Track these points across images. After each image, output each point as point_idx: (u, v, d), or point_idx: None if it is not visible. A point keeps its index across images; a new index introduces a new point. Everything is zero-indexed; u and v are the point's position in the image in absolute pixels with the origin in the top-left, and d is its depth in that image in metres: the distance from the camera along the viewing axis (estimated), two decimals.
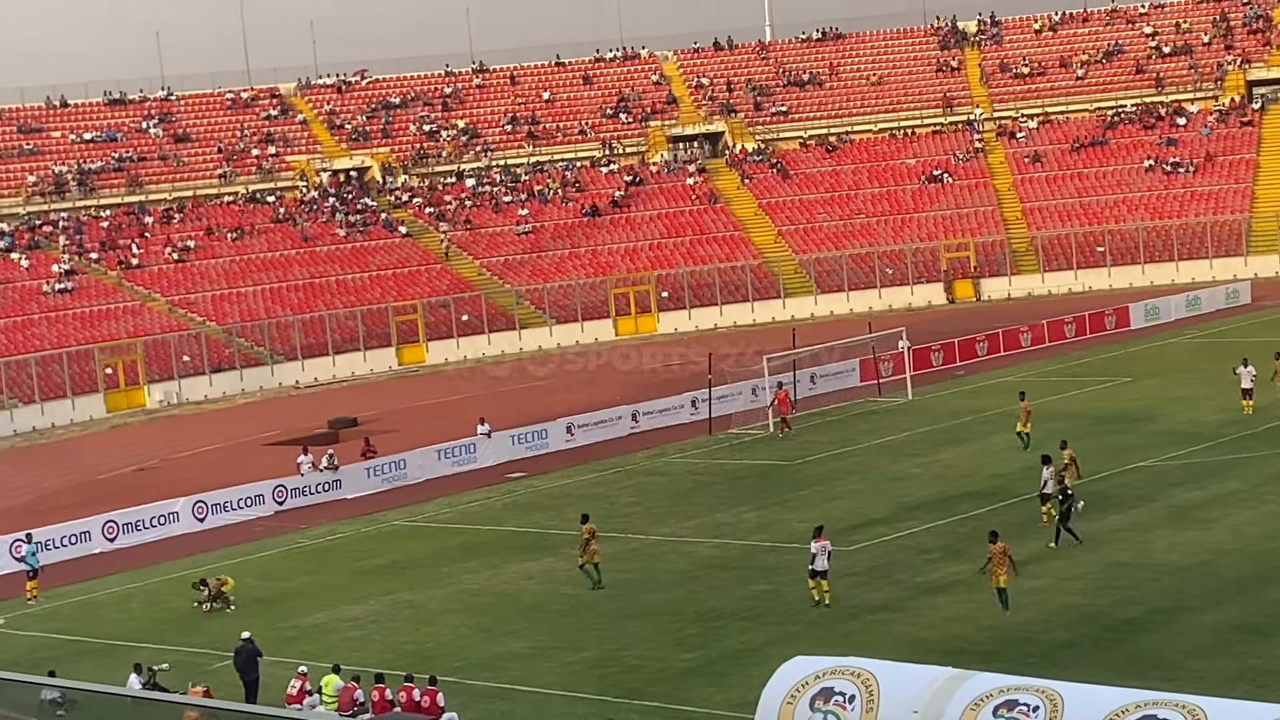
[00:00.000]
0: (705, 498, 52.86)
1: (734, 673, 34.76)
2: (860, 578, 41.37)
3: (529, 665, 36.83)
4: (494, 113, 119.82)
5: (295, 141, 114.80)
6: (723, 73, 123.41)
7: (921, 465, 54.26)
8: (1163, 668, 32.58)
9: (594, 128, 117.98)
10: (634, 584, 42.84)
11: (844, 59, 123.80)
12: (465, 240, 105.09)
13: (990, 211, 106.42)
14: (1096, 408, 61.69)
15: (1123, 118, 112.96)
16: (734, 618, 38.97)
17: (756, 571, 42.94)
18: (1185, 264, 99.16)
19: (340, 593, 44.98)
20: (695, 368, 73.71)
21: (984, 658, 32.70)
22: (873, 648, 33.69)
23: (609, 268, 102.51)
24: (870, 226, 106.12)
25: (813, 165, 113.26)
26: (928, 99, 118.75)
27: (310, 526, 54.34)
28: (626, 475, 58.01)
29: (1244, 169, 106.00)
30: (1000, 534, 37.69)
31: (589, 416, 66.01)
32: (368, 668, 35.69)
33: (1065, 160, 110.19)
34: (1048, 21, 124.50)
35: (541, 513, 52.88)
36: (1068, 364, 73.53)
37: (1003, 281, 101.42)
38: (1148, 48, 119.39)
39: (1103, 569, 40.00)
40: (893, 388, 69.18)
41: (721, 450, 61.00)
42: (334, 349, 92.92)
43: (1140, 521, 44.11)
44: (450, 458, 61.77)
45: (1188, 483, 48.11)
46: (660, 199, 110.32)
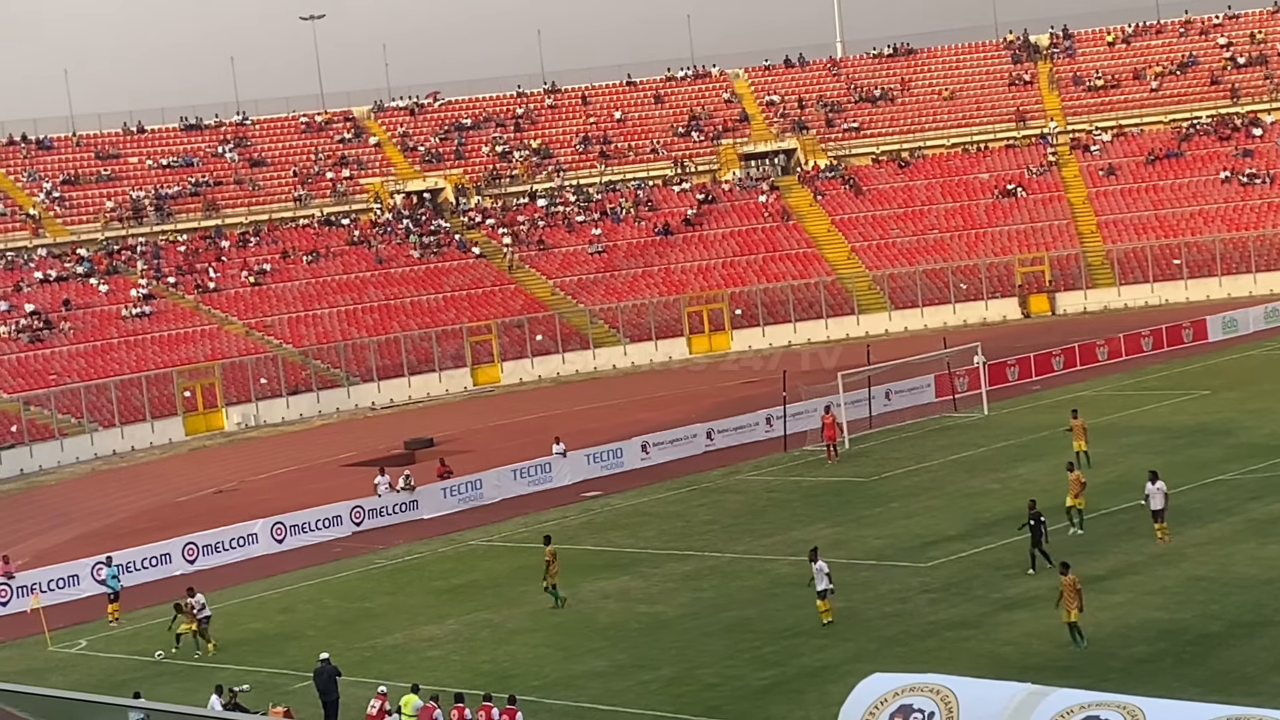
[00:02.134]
0: (781, 515, 52.79)
1: (811, 690, 34.69)
2: (937, 594, 41.21)
3: (606, 684, 36.87)
4: (566, 133, 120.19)
5: (369, 164, 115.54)
6: (794, 89, 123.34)
7: (999, 481, 53.99)
8: (1246, 682, 32.29)
9: (666, 146, 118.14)
10: (710, 602, 42.82)
11: (915, 74, 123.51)
12: (538, 260, 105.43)
13: (1065, 225, 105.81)
14: (1174, 421, 61.22)
15: (1198, 129, 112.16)
16: (811, 635, 38.90)
17: (834, 588, 42.73)
18: (1263, 275, 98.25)
19: (418, 613, 45.18)
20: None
21: (1063, 673, 32.52)
22: (951, 664, 33.57)
23: (682, 286, 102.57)
24: (944, 242, 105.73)
25: (885, 181, 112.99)
26: (1000, 113, 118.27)
27: (387, 547, 54.60)
28: (702, 493, 58.00)
29: None
30: (1071, 565, 36.95)
31: (664, 435, 66.04)
32: (446, 687, 35.82)
33: (1140, 173, 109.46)
34: (1121, 33, 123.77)
35: (617, 531, 52.94)
36: (1145, 377, 73.00)
37: (1078, 295, 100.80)
38: (1222, 58, 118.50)
39: (1183, 583, 39.70)
40: (968, 403, 68.88)
41: (797, 467, 60.89)
42: (409, 370, 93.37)
43: (1220, 535, 43.75)
44: (526, 477, 61.94)
45: (1268, 496, 47.67)
46: (732, 217, 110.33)
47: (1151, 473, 44.74)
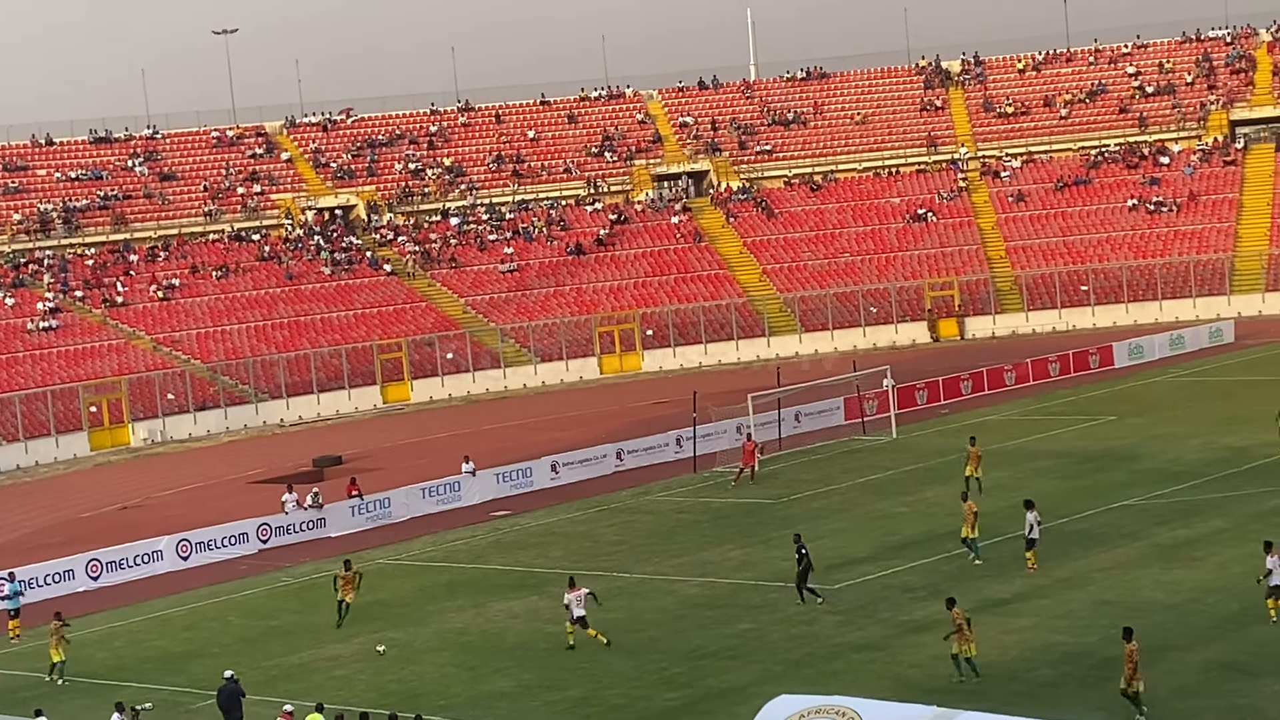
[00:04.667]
0: (690, 536, 52.81)
1: (719, 712, 34.69)
2: (845, 616, 41.34)
3: (514, 704, 36.75)
4: (479, 151, 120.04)
5: (280, 180, 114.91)
6: (707, 111, 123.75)
7: (906, 504, 54.26)
8: (1149, 705, 32.54)
9: (579, 166, 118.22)
10: (619, 623, 42.73)
11: (828, 98, 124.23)
12: (450, 278, 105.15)
13: (974, 250, 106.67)
14: (1081, 446, 61.76)
15: (1106, 157, 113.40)
16: (719, 656, 38.92)
17: (741, 610, 42.89)
18: (1169, 303, 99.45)
19: (324, 631, 44.84)
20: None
21: (968, 697, 32.69)
22: (857, 686, 33.65)
23: (593, 306, 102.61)
24: (854, 265, 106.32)
25: (797, 204, 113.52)
26: (912, 138, 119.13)
27: (294, 565, 54.21)
28: (611, 513, 57.96)
29: (1227, 208, 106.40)
30: (957, 600, 36.62)
31: (573, 454, 65.97)
32: (352, 707, 35.55)
33: (1049, 199, 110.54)
34: (1031, 61, 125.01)
35: (526, 551, 52.81)
36: (1052, 402, 73.61)
37: (987, 320, 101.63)
38: (1131, 87, 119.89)
39: (1088, 607, 40.01)
40: (877, 426, 69.22)
41: (706, 488, 60.97)
42: (319, 387, 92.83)
43: (1126, 560, 44.14)
44: (435, 496, 61.68)
45: (1173, 521, 48.16)
46: (645, 237, 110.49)
47: (1027, 502, 44.95)
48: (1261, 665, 34.58)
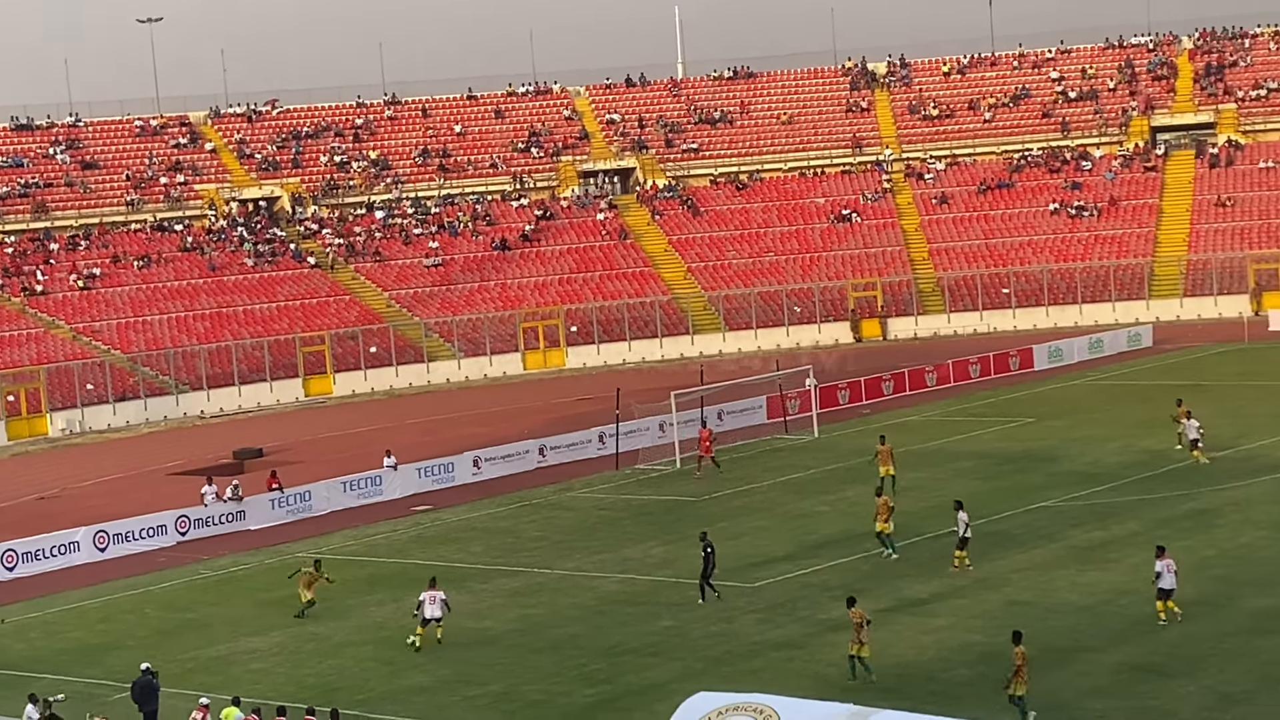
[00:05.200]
0: (611, 533, 52.89)
1: (638, 708, 34.78)
2: (763, 615, 41.52)
3: (433, 699, 36.71)
4: (405, 145, 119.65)
5: (204, 170, 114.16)
6: (634, 109, 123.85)
7: (827, 503, 54.51)
8: (1062, 707, 32.89)
9: (505, 161, 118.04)
10: (539, 619, 42.80)
11: (755, 97, 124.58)
12: (374, 272, 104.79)
13: (898, 252, 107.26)
14: (1000, 448, 62.23)
15: (1029, 161, 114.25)
16: (639, 653, 39.01)
17: (662, 607, 43.01)
18: (1089, 306, 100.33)
19: (242, 624, 44.67)
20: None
21: (885, 695, 32.90)
22: (775, 684, 33.81)
23: (518, 301, 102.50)
24: (779, 265, 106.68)
25: (723, 203, 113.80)
26: (837, 139, 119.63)
27: (213, 557, 53.94)
28: (533, 509, 57.96)
29: (1147, 214, 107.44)
30: (857, 599, 37.13)
31: (496, 450, 65.90)
32: (270, 700, 35.43)
33: (972, 202, 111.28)
34: (957, 64, 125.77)
35: (447, 546, 52.73)
36: (972, 404, 74.13)
37: (909, 321, 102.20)
38: (1054, 92, 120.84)
39: (1004, 608, 40.33)
40: (799, 425, 69.50)
41: (628, 485, 61.06)
42: (240, 379, 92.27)
43: (1042, 561, 44.52)
44: (356, 490, 61.48)
45: (1089, 523, 48.62)
46: (570, 234, 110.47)
47: (957, 503, 45.34)
48: (1174, 666, 34.99)
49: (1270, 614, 38.27)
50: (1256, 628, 37.26)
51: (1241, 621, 37.84)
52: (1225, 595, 40.06)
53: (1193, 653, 35.75)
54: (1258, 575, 41.72)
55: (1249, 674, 34.18)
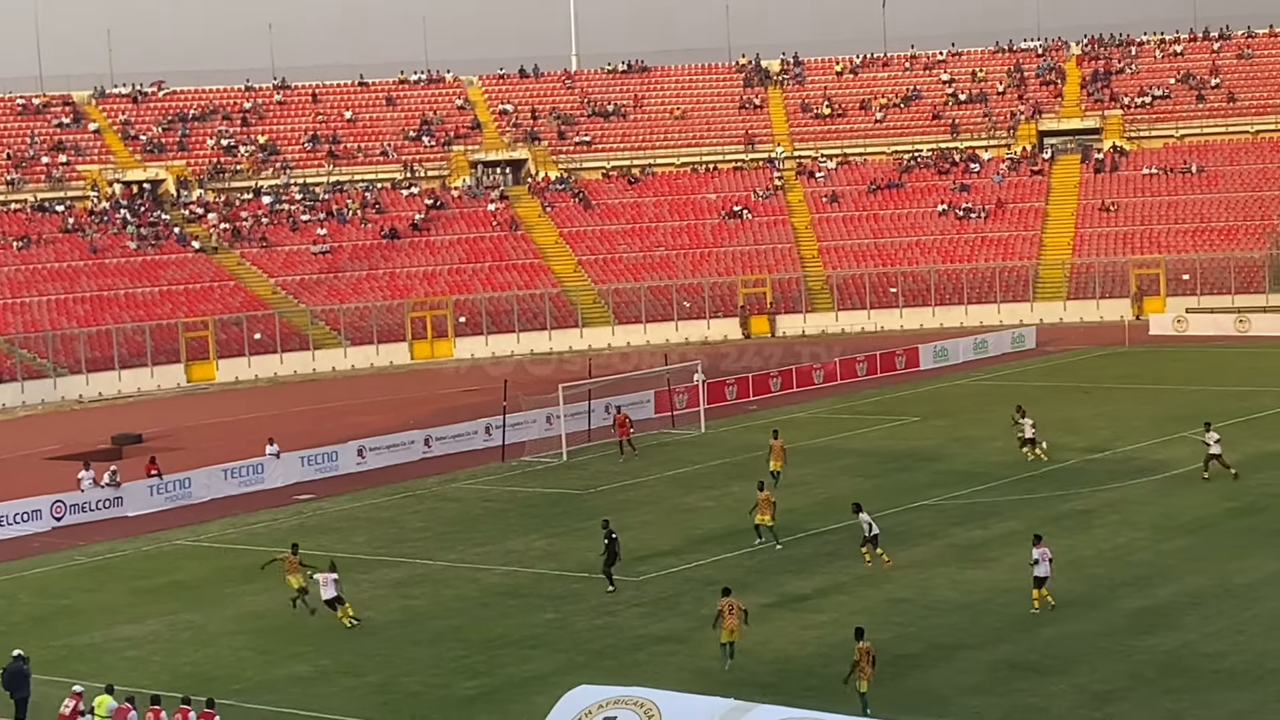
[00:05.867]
0: (496, 524, 52.71)
1: (518, 701, 34.64)
2: (647, 608, 41.51)
3: (310, 689, 36.39)
4: (294, 130, 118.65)
5: (87, 151, 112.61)
6: (527, 100, 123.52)
7: (713, 498, 54.59)
8: (939, 703, 33.12)
9: (396, 150, 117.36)
10: (421, 610, 42.57)
11: (649, 92, 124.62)
12: (260, 257, 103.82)
13: (788, 249, 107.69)
14: (885, 446, 62.61)
15: (918, 162, 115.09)
16: (520, 645, 38.88)
17: (544, 600, 42.90)
18: (974, 307, 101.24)
19: (118, 612, 44.10)
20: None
21: (765, 690, 32.97)
22: (657, 678, 33.81)
23: (406, 291, 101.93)
24: (669, 259, 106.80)
25: (614, 196, 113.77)
26: (730, 135, 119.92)
27: (89, 544, 53.20)
28: (417, 500, 57.65)
29: (1033, 217, 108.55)
30: (733, 589, 37.45)
31: (381, 440, 65.52)
32: (144, 689, 34.96)
33: (862, 201, 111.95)
34: (849, 64, 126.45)
35: (329, 535, 52.30)
36: (858, 402, 74.55)
37: (798, 318, 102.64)
38: (944, 95, 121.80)
39: (884, 605, 40.56)
40: (686, 420, 69.58)
41: (514, 477, 60.87)
42: (120, 364, 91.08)
43: (923, 559, 44.82)
44: (237, 477, 60.87)
45: (969, 522, 49.02)
46: (461, 224, 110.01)
47: (855, 505, 45.56)
48: (1049, 665, 35.32)
49: (1145, 614, 38.73)
50: (1131, 627, 37.69)
51: (1117, 621, 38.26)
52: (1102, 595, 40.50)
53: (1068, 651, 36.10)
54: (1134, 576, 42.22)
55: (1122, 673, 34.56)
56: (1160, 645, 36.27)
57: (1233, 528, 47.03)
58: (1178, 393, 72.03)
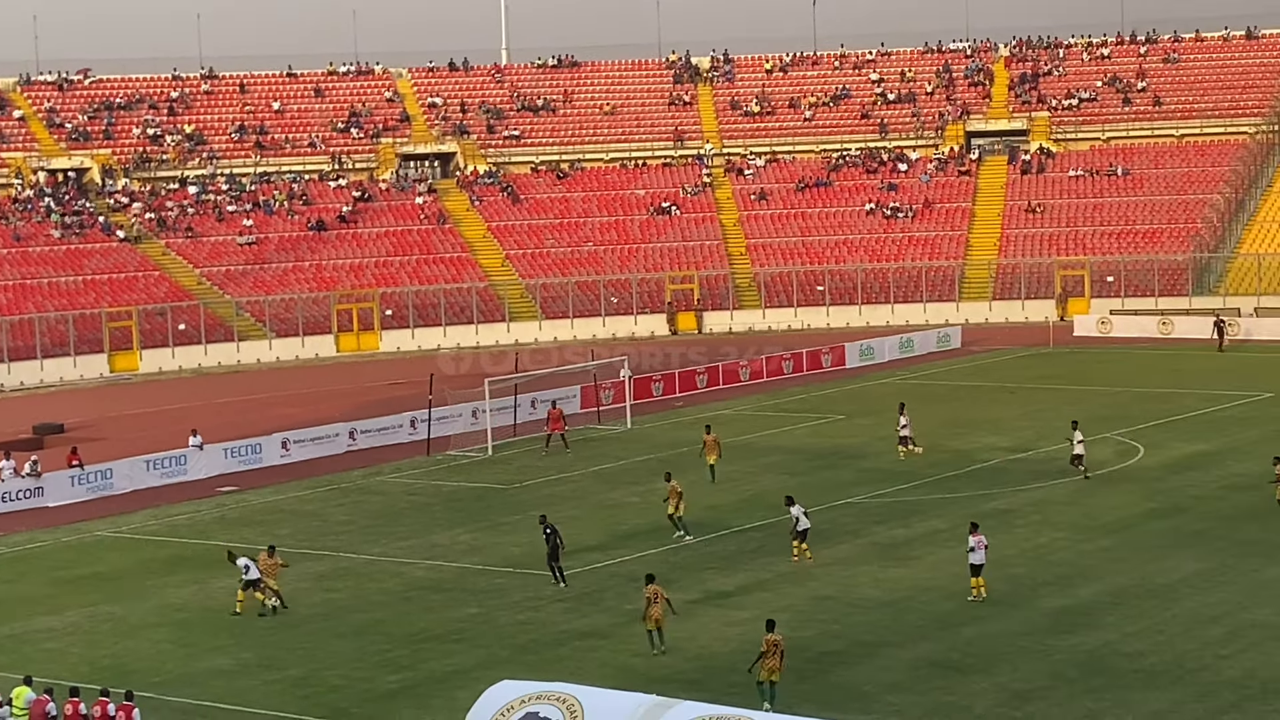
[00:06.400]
0: (420, 518, 52.58)
1: (440, 695, 34.57)
2: (571, 604, 41.51)
3: (231, 682, 36.19)
4: (221, 120, 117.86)
5: (12, 138, 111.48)
6: (457, 93, 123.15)
7: (637, 494, 54.61)
8: (861, 700, 33.28)
9: (324, 141, 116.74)
10: (343, 604, 42.41)
11: (578, 87, 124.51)
12: (185, 248, 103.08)
13: (716, 246, 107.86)
14: (810, 443, 62.82)
15: (847, 161, 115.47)
16: (443, 640, 38.80)
17: (468, 594, 42.83)
18: (900, 306, 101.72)
19: (37, 603, 43.72)
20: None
21: (689, 687, 33.02)
22: (580, 673, 33.79)
23: (333, 283, 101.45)
24: (598, 254, 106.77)
25: (543, 191, 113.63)
26: (659, 131, 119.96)
27: (8, 534, 52.74)
28: (341, 493, 57.42)
29: (960, 217, 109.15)
30: (656, 576, 38.01)
31: (305, 432, 65.20)
32: (63, 680, 34.68)
33: (790, 199, 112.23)
34: (779, 62, 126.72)
35: (251, 528, 52.01)
36: (784, 399, 74.75)
37: (725, 315, 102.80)
38: (873, 94, 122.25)
39: (808, 602, 40.71)
40: (613, 415, 69.61)
41: (439, 471, 60.73)
42: (43, 353, 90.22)
43: (846, 556, 45.01)
44: (159, 469, 60.44)
45: (892, 520, 49.27)
46: (388, 216, 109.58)
47: (788, 498, 45.78)
48: (969, 663, 35.55)
49: (1066, 613, 39.03)
50: (1052, 627, 37.98)
51: (1038, 621, 38.54)
52: (1023, 594, 40.79)
53: (989, 650, 36.35)
54: (1055, 575, 42.54)
55: (1043, 672, 34.81)
56: (1081, 645, 36.56)
57: (1154, 528, 47.47)
58: (1101, 394, 72.62)
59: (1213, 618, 38.30)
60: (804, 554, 44.47)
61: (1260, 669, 34.52)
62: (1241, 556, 43.57)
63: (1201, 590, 40.65)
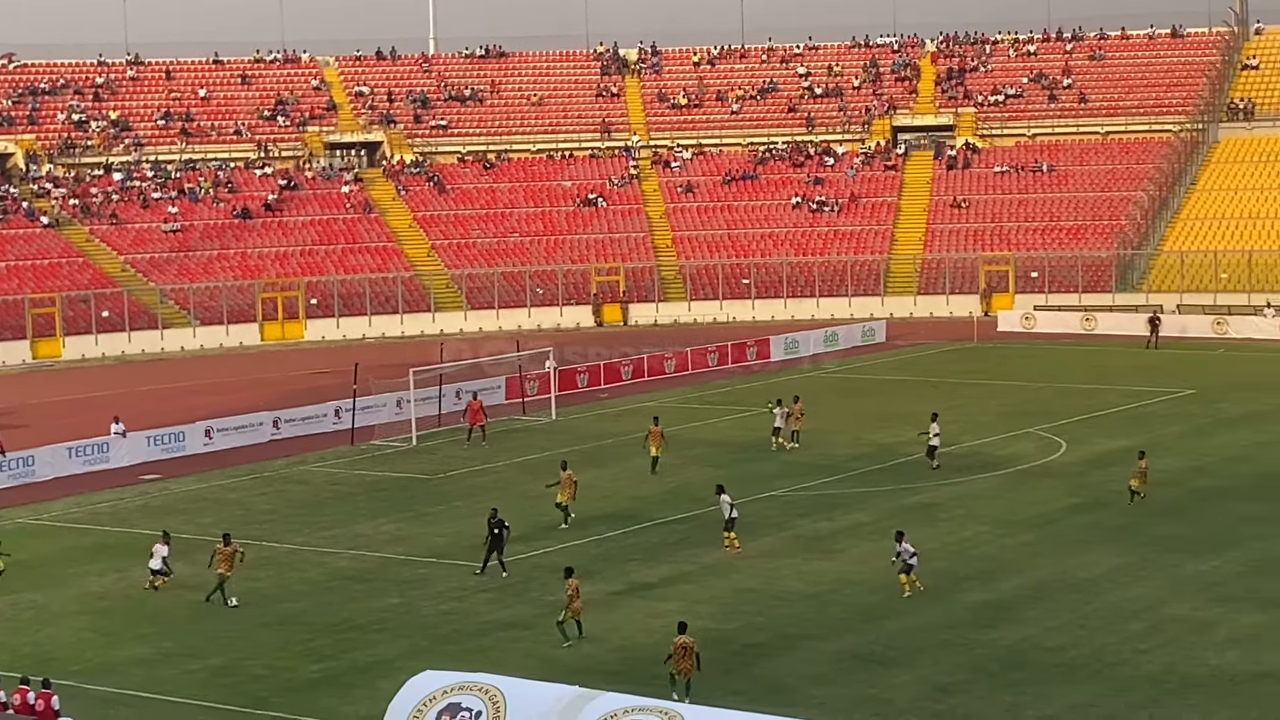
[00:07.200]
0: (344, 508, 52.41)
1: (362, 685, 34.49)
2: (494, 594, 41.50)
3: (151, 671, 35.99)
4: (147, 107, 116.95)
5: None
6: (384, 82, 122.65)
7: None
8: (784, 692, 33.42)
9: (250, 129, 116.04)
10: (266, 593, 42.21)
11: (506, 77, 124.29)
12: (110, 234, 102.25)
13: (642, 238, 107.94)
14: (734, 436, 62.97)
15: (774, 154, 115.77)
16: (366, 629, 38.71)
17: (391, 584, 42.75)
18: (826, 300, 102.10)
19: None
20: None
21: (611, 678, 33.08)
22: (503, 664, 33.80)
23: (258, 271, 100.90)
24: (524, 245, 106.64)
25: (470, 181, 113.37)
26: (587, 123, 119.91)
27: None
28: (265, 482, 57.16)
29: (885, 211, 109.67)
30: (575, 570, 38.10)
31: (229, 421, 64.86)
32: None
33: (716, 192, 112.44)
34: (707, 55, 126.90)
35: (174, 517, 51.68)
36: (709, 392, 74.92)
37: (650, 307, 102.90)
38: (801, 88, 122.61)
39: (732, 594, 40.85)
40: (537, 407, 69.56)
41: (363, 461, 60.54)
42: None
43: (770, 549, 45.16)
44: (81, 456, 59.98)
45: (816, 513, 49.49)
46: (314, 205, 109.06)
47: (718, 487, 45.90)
48: (892, 656, 35.77)
49: (988, 607, 39.32)
50: (974, 620, 38.26)
51: (960, 614, 38.80)
52: (945, 588, 41.03)
53: (911, 643, 36.58)
54: (977, 569, 42.85)
55: (964, 665, 35.08)
56: (1002, 639, 36.86)
57: (1075, 523, 47.87)
58: (1024, 389, 73.17)
59: (1133, 612, 38.69)
60: (733, 544, 44.63)
61: (1179, 664, 34.90)
62: (1162, 552, 44.01)
63: (1122, 585, 41.04)
